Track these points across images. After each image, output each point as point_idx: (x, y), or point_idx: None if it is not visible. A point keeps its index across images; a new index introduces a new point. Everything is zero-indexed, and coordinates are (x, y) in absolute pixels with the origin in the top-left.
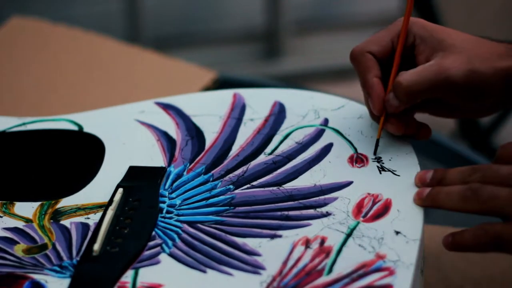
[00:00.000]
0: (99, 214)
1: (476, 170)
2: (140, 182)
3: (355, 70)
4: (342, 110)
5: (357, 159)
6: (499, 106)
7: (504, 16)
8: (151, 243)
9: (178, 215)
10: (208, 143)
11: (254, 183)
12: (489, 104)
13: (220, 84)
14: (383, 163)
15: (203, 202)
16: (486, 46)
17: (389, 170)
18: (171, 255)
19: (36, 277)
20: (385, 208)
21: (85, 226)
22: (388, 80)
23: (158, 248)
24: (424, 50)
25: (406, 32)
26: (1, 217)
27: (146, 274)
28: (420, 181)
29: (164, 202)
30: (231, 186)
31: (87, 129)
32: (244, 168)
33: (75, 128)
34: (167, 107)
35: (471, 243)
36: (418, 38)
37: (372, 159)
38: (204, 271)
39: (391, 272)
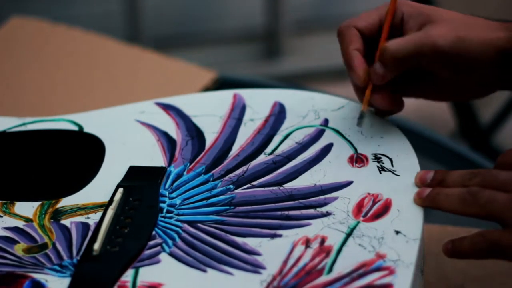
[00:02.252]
0: (99, 214)
1: (476, 174)
2: (140, 182)
3: (340, 46)
4: (342, 111)
5: (357, 159)
6: (492, 85)
7: (503, 15)
8: (151, 243)
9: (178, 214)
10: (208, 143)
11: (254, 183)
12: (479, 79)
13: (220, 84)
14: (383, 163)
15: (203, 202)
16: (476, 20)
17: (389, 170)
18: (171, 254)
19: (36, 276)
20: (385, 208)
21: (85, 226)
22: (374, 56)
23: (158, 248)
24: (413, 27)
25: (395, 5)
26: (2, 216)
27: (146, 274)
28: (420, 181)
29: (164, 202)
30: (231, 186)
31: (87, 129)
32: (244, 168)
33: (75, 128)
34: (167, 108)
35: (469, 250)
36: (406, 15)
37: (372, 159)
38: (204, 271)
39: (391, 272)
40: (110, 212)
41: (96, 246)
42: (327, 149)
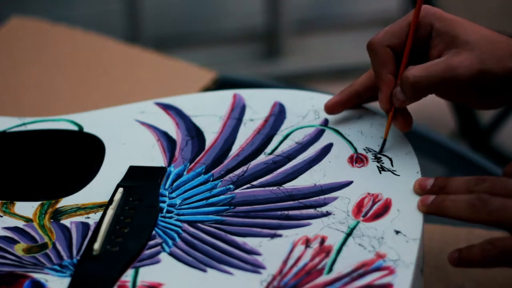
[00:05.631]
0: (99, 214)
1: (484, 180)
2: (140, 182)
3: (371, 61)
4: None
5: (357, 159)
6: (509, 101)
7: (503, 15)
8: (151, 243)
9: (178, 214)
10: (208, 143)
11: (254, 182)
12: (499, 100)
13: (220, 84)
14: (383, 163)
15: (203, 202)
16: (501, 44)
17: (389, 170)
18: (171, 254)
19: (36, 276)
20: (385, 208)
21: (85, 226)
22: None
23: (158, 248)
24: (438, 44)
25: (414, 30)
26: (2, 216)
27: (146, 273)
28: (420, 187)
29: (164, 202)
30: (231, 186)
31: (87, 129)
32: (244, 168)
33: (75, 128)
34: (167, 108)
35: (479, 258)
36: (434, 31)
37: (372, 159)
38: (204, 270)
39: (391, 271)
40: (110, 212)
41: (96, 246)
42: (327, 149)
